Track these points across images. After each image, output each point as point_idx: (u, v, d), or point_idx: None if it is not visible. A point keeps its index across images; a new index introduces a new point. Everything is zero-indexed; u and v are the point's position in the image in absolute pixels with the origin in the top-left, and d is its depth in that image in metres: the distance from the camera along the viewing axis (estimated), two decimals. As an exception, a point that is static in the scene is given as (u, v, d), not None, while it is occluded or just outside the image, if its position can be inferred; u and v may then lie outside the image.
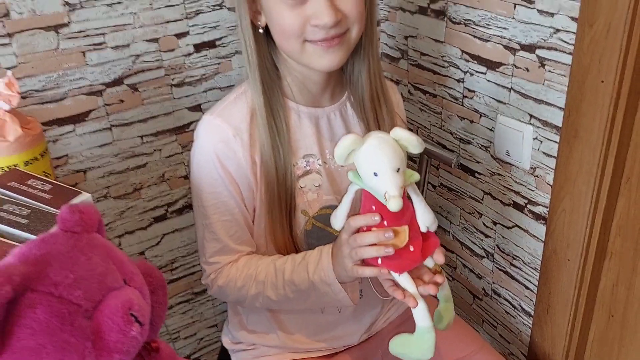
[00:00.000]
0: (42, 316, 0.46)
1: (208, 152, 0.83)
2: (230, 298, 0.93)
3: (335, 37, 0.76)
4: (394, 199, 0.68)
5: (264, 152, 0.83)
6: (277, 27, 0.78)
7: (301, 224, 0.88)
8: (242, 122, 0.82)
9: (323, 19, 0.74)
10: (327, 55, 0.77)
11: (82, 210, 0.54)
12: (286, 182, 0.84)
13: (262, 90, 0.81)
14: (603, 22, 0.82)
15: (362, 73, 0.86)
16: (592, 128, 0.89)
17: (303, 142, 0.87)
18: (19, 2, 0.90)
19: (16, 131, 0.76)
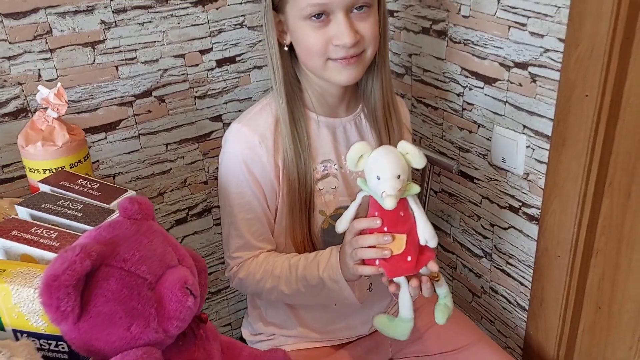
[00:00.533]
0: (115, 286, 0.55)
1: (236, 157, 0.93)
2: (249, 290, 1.02)
3: (354, 56, 0.86)
4: (388, 198, 0.76)
5: (287, 157, 0.92)
6: (302, 46, 0.88)
7: (319, 222, 0.97)
8: (267, 130, 0.92)
9: (343, 40, 0.84)
10: (346, 71, 0.87)
11: (139, 202, 0.63)
12: (306, 184, 0.93)
13: (286, 102, 0.91)
14: (587, 44, 0.92)
15: (375, 88, 0.96)
16: (578, 137, 0.99)
17: (321, 149, 0.96)
18: (60, 21, 1.00)
19: (64, 137, 0.85)
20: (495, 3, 1.07)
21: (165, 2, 1.07)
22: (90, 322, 0.55)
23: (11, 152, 1.02)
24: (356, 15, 0.85)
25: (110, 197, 0.77)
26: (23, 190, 1.04)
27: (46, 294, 0.52)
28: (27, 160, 0.85)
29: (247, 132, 0.92)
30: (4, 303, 0.61)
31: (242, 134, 0.93)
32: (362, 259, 0.83)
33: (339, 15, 0.84)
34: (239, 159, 0.92)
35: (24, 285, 0.60)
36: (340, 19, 0.84)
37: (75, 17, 1.00)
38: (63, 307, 0.52)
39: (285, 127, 0.91)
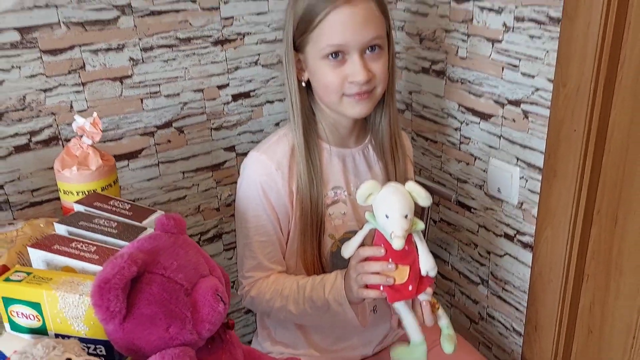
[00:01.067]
0: (156, 291, 0.62)
1: (254, 182, 1.00)
2: (259, 309, 1.08)
3: (366, 92, 0.95)
4: (397, 239, 0.84)
5: (301, 184, 1.00)
6: (321, 83, 0.97)
7: (328, 245, 1.04)
8: (284, 158, 1.00)
9: (358, 77, 0.93)
10: (359, 106, 0.96)
11: (175, 218, 0.70)
12: (318, 209, 1.00)
13: (302, 133, 0.99)
14: (574, 84, 1.01)
15: (382, 122, 1.05)
16: (568, 169, 1.07)
17: (332, 176, 1.04)
18: (93, 57, 1.08)
19: (97, 162, 0.93)
20: (490, 46, 1.17)
21: (188, 42, 1.17)
22: (133, 322, 0.61)
23: (41, 177, 1.09)
24: (369, 56, 0.95)
25: (141, 216, 0.84)
26: (50, 212, 1.11)
27: (98, 295, 0.59)
28: (62, 183, 0.92)
29: (265, 160, 1.00)
30: (51, 308, 0.68)
31: (261, 162, 1.01)
32: (366, 284, 0.90)
33: (354, 56, 0.93)
34: (257, 184, 1.00)
35: (70, 292, 0.67)
36: (355, 59, 0.93)
37: (107, 54, 1.09)
38: (112, 307, 0.59)
39: (301, 156, 0.99)
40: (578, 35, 0.98)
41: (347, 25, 0.92)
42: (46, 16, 1.01)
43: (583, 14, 0.96)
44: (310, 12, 0.93)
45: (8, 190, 1.07)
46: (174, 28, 1.15)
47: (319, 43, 0.93)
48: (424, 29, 1.33)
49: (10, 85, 1.02)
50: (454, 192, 1.34)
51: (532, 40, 1.08)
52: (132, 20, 1.09)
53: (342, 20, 0.91)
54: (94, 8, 1.05)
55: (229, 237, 1.38)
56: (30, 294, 0.67)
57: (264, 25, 1.25)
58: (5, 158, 1.05)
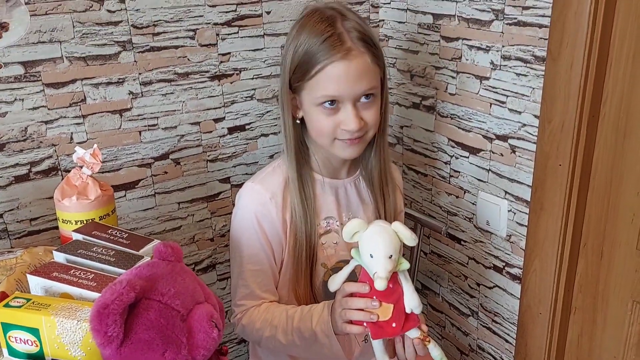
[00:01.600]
0: (154, 316, 0.64)
1: (249, 211, 1.03)
2: (250, 337, 1.09)
3: (357, 138, 0.99)
4: (380, 280, 0.85)
5: (294, 214, 1.02)
6: (314, 127, 1.00)
7: (320, 275, 1.06)
8: (278, 189, 1.03)
9: (350, 126, 0.97)
10: (349, 149, 1.00)
11: (172, 246, 0.73)
12: (311, 238, 1.03)
13: (295, 165, 1.02)
14: (558, 120, 1.05)
15: (373, 158, 1.08)
16: (554, 202, 1.10)
17: (325, 207, 1.07)
18: (94, 91, 1.12)
19: (96, 192, 0.95)
20: (478, 83, 1.21)
21: (186, 76, 1.20)
22: (131, 347, 0.63)
23: (39, 207, 1.11)
24: (362, 104, 0.98)
25: (138, 245, 0.86)
26: (47, 241, 1.13)
27: (97, 320, 0.60)
28: (61, 212, 0.94)
29: (260, 190, 1.03)
30: (49, 334, 0.69)
31: (255, 192, 1.04)
32: (350, 319, 0.92)
33: (347, 105, 0.97)
34: (252, 214, 1.03)
35: (68, 318, 0.68)
36: (348, 108, 0.97)
37: (107, 88, 1.12)
38: (110, 332, 0.61)
39: (294, 187, 1.02)
40: (562, 74, 1.02)
41: (342, 79, 0.95)
42: (50, 51, 1.05)
43: (566, 55, 1.01)
44: (308, 61, 0.96)
45: (7, 219, 1.09)
46: (173, 63, 1.18)
47: (314, 92, 0.97)
48: (415, 65, 1.38)
49: (13, 117, 1.05)
50: (444, 224, 1.36)
51: (518, 78, 1.12)
52: (133, 56, 1.13)
53: (338, 74, 0.95)
54: (96, 43, 1.09)
55: (222, 267, 1.40)
56: (29, 319, 0.69)
57: (259, 61, 1.30)
58: (5, 188, 1.07)
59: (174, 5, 1.15)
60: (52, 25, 1.04)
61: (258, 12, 1.26)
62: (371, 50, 0.97)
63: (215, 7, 1.20)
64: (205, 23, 1.20)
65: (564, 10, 0.99)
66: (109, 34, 1.10)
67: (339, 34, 0.95)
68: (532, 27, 1.07)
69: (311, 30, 0.97)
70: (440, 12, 1.27)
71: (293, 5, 1.29)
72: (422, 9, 1.32)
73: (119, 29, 1.10)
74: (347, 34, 0.95)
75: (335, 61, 0.94)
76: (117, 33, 1.10)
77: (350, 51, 0.94)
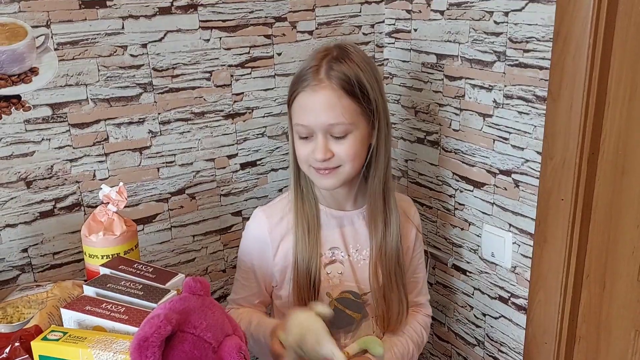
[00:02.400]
0: (188, 348, 0.68)
1: (251, 234, 1.12)
2: None
3: (327, 168, 1.02)
4: None
5: (296, 241, 1.08)
6: (297, 152, 1.06)
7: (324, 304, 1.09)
8: (282, 216, 1.10)
9: (316, 155, 1.01)
10: (322, 179, 1.04)
11: (201, 281, 0.77)
12: (312, 266, 1.07)
13: (299, 197, 1.09)
14: (560, 156, 1.11)
15: (371, 185, 1.10)
16: (557, 235, 1.15)
17: (331, 237, 1.11)
18: (116, 130, 1.17)
19: (122, 228, 1.00)
20: (481, 120, 1.27)
21: (202, 116, 1.26)
22: (167, 379, 0.67)
23: (63, 241, 1.15)
24: (335, 138, 1.01)
25: (164, 279, 0.90)
26: (69, 274, 1.17)
27: (137, 352, 0.64)
28: (88, 247, 0.98)
29: (262, 217, 1.11)
30: (85, 366, 0.73)
31: (258, 218, 1.12)
32: None
33: (319, 135, 1.01)
34: (252, 237, 1.12)
35: (104, 350, 0.72)
36: (319, 139, 1.01)
37: (129, 127, 1.18)
38: (149, 364, 0.64)
39: (297, 217, 1.08)
40: (562, 113, 1.08)
41: (308, 109, 1.00)
42: (76, 93, 1.11)
43: (566, 95, 1.07)
44: (290, 87, 1.04)
45: (31, 253, 1.13)
46: (190, 103, 1.24)
47: (293, 118, 1.04)
48: (419, 102, 1.44)
49: (39, 156, 1.10)
50: (449, 255, 1.41)
51: (520, 116, 1.18)
52: (153, 97, 1.19)
53: (305, 103, 1.00)
54: (119, 86, 1.15)
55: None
56: (67, 352, 0.73)
57: (270, 100, 1.35)
58: (30, 223, 1.12)
59: (192, 49, 1.21)
60: (79, 69, 1.10)
61: (270, 54, 1.32)
62: (347, 89, 0.98)
63: (229, 50, 1.26)
64: (221, 65, 1.26)
65: (563, 55, 1.05)
66: (131, 76, 1.15)
67: (319, 66, 1.00)
68: (532, 69, 1.13)
69: (307, 60, 1.03)
70: (443, 52, 1.33)
71: (302, 47, 1.36)
72: (425, 49, 1.38)
73: (140, 72, 1.16)
74: (324, 68, 0.99)
75: (304, 90, 1.00)
76: (139, 76, 1.16)
77: (321, 83, 0.99)
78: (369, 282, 1.12)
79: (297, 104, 1.02)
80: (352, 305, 1.12)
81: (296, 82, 1.02)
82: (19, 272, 1.13)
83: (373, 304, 1.13)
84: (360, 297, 1.13)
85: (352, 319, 1.13)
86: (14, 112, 1.05)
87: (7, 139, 1.06)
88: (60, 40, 1.07)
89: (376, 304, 1.13)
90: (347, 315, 1.12)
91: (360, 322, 1.14)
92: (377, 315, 1.14)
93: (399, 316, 1.14)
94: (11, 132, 1.06)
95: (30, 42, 1.04)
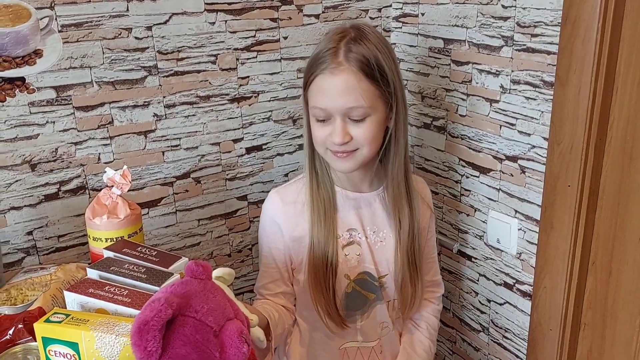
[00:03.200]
0: (189, 332, 0.68)
1: (267, 216, 1.11)
2: None
3: (345, 152, 1.02)
4: None
5: (312, 227, 1.07)
6: (313, 134, 1.05)
7: (343, 286, 1.10)
8: (296, 198, 1.10)
9: (334, 139, 1.00)
10: (339, 162, 1.03)
11: (203, 265, 0.76)
12: (329, 249, 1.07)
13: (314, 178, 1.08)
14: (567, 142, 1.09)
15: (392, 167, 1.09)
16: (563, 221, 1.14)
17: (348, 219, 1.11)
18: (121, 113, 1.17)
19: (125, 211, 1.00)
20: (488, 106, 1.26)
21: (207, 99, 1.25)
22: (168, 362, 0.67)
23: (67, 224, 1.16)
24: (353, 121, 1.00)
25: (167, 262, 0.90)
26: (74, 257, 1.17)
27: (137, 336, 0.64)
28: (92, 230, 0.98)
29: (276, 198, 1.11)
30: (87, 348, 0.73)
31: (272, 199, 1.12)
32: None
33: (337, 119, 1.00)
34: (269, 219, 1.11)
35: (106, 332, 0.72)
36: (337, 122, 1.00)
37: (134, 111, 1.17)
38: (150, 347, 0.64)
39: (311, 200, 1.08)
40: (570, 99, 1.07)
41: (326, 92, 0.99)
42: (80, 76, 1.10)
43: (574, 80, 1.05)
44: (308, 70, 1.02)
45: (36, 236, 1.14)
46: (195, 87, 1.24)
47: (310, 101, 1.03)
48: (426, 87, 1.42)
49: (44, 139, 1.10)
50: (455, 242, 1.41)
51: (527, 102, 1.17)
52: (158, 80, 1.18)
53: (323, 86, 0.99)
54: (124, 69, 1.14)
55: (239, 282, 1.44)
56: (69, 334, 0.73)
57: (276, 84, 1.34)
58: (35, 206, 1.12)
59: (197, 32, 1.20)
60: (83, 51, 1.09)
61: (276, 38, 1.31)
62: (366, 71, 0.98)
63: (235, 33, 1.25)
64: (226, 48, 1.25)
65: (572, 39, 1.04)
66: (136, 59, 1.15)
67: (337, 48, 0.98)
68: (540, 54, 1.12)
69: (324, 41, 1.02)
70: (451, 37, 1.32)
71: (309, 30, 1.35)
72: (433, 34, 1.37)
73: (145, 55, 1.16)
74: (343, 50, 0.98)
75: (322, 73, 0.99)
76: (144, 59, 1.16)
77: (340, 66, 0.97)
78: (393, 264, 1.13)
79: (315, 87, 1.00)
80: (368, 286, 1.13)
81: (313, 65, 1.01)
82: (24, 255, 1.14)
83: (392, 286, 1.14)
84: (378, 279, 1.13)
85: (366, 299, 1.14)
86: (18, 95, 1.05)
87: (12, 122, 1.07)
88: (64, 22, 1.07)
89: (396, 285, 1.14)
90: (362, 295, 1.13)
91: (373, 302, 1.14)
92: (395, 299, 1.16)
93: (416, 298, 1.16)
94: (15, 114, 1.06)
95: (34, 24, 1.04)
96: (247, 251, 1.42)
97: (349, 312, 1.13)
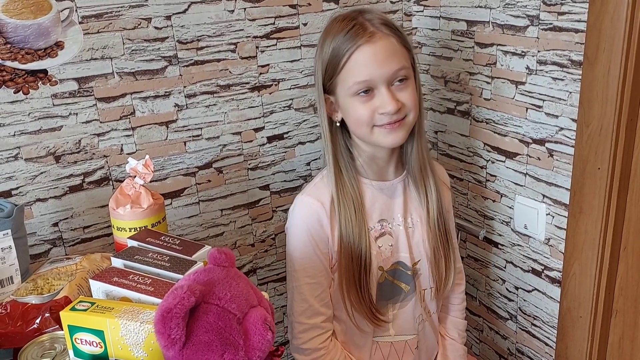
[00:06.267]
0: (212, 319, 0.67)
1: (301, 223, 1.06)
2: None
3: (397, 121, 1.01)
4: None
5: (343, 219, 1.05)
6: (352, 118, 1.02)
7: (376, 277, 1.08)
8: (326, 197, 1.06)
9: (387, 108, 0.99)
10: (391, 135, 1.02)
11: (226, 252, 0.76)
12: (361, 242, 1.05)
13: (335, 172, 1.05)
14: (596, 124, 1.06)
15: (413, 149, 1.09)
16: (593, 206, 1.11)
17: (377, 210, 1.09)
18: (142, 104, 1.17)
19: (149, 201, 1.00)
20: (513, 88, 1.23)
21: (227, 88, 1.25)
22: (192, 349, 0.67)
23: (92, 215, 1.17)
24: (396, 87, 1.00)
25: (190, 251, 0.90)
26: (99, 248, 1.18)
27: (161, 323, 0.64)
28: (116, 220, 0.99)
29: (309, 201, 1.07)
30: (113, 336, 0.73)
31: (305, 204, 1.07)
32: None
33: (382, 89, 0.99)
34: (304, 226, 1.06)
35: (131, 320, 0.72)
36: (383, 92, 0.99)
37: (155, 101, 1.17)
38: (173, 335, 0.64)
39: (337, 197, 1.05)
40: (599, 78, 1.03)
41: (370, 62, 0.98)
42: (102, 67, 1.10)
43: (603, 59, 1.02)
44: (335, 56, 1.00)
45: (62, 227, 1.15)
46: (216, 76, 1.23)
47: (347, 82, 1.00)
48: (449, 72, 1.40)
49: (67, 130, 1.10)
50: (481, 228, 1.38)
51: (555, 83, 1.14)
52: (178, 70, 1.18)
53: (365, 58, 0.98)
54: (145, 59, 1.14)
55: (263, 272, 1.44)
56: (95, 322, 0.73)
57: (297, 71, 1.33)
58: (60, 197, 1.13)
59: (216, 21, 1.20)
60: (104, 42, 1.10)
61: (295, 24, 1.30)
62: (396, 34, 1.00)
63: (254, 21, 1.24)
64: (246, 37, 1.24)
65: (600, 16, 1.00)
66: (156, 49, 1.15)
67: (360, 23, 0.99)
68: (568, 32, 1.08)
69: (335, 30, 1.01)
70: (474, 18, 1.29)
71: (328, 16, 1.33)
72: (455, 16, 1.34)
73: (165, 45, 1.15)
74: (368, 22, 1.00)
75: (361, 46, 0.98)
76: (164, 49, 1.15)
77: (374, 34, 0.98)
78: (427, 245, 1.12)
79: (354, 63, 0.99)
80: (401, 276, 1.12)
81: (341, 47, 1.00)
82: (50, 246, 1.15)
83: (426, 272, 1.13)
84: (411, 267, 1.12)
85: (400, 290, 1.12)
86: (41, 87, 1.06)
87: (35, 114, 1.07)
88: (84, 13, 1.07)
89: (430, 270, 1.13)
90: (395, 285, 1.11)
91: (408, 294, 1.13)
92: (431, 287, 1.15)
93: (449, 282, 1.15)
94: (39, 107, 1.07)
95: (55, 16, 1.04)
96: (270, 241, 1.42)
97: (381, 303, 1.11)
